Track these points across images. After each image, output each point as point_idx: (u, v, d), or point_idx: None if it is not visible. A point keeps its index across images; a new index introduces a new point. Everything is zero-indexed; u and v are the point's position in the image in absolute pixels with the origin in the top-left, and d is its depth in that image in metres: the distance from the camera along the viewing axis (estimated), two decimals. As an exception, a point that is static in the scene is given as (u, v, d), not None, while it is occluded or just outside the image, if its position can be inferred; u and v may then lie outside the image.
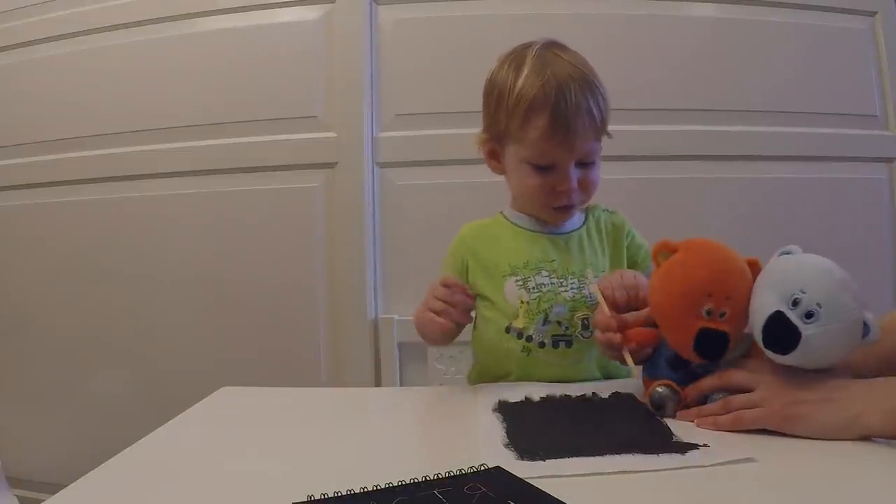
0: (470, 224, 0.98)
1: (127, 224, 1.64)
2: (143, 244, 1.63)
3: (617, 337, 0.75)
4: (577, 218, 0.95)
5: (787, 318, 0.63)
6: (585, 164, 0.89)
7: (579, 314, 0.88)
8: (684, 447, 0.59)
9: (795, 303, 0.63)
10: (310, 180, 1.56)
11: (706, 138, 1.53)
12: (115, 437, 0.72)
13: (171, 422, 0.74)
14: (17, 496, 1.36)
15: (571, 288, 0.89)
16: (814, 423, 0.61)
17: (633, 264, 0.96)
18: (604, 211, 0.98)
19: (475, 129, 0.95)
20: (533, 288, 0.88)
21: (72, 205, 1.67)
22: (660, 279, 0.73)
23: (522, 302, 0.88)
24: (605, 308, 0.79)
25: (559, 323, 0.87)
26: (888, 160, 1.59)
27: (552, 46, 0.90)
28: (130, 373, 1.62)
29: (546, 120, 0.84)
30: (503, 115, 0.88)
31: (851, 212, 1.56)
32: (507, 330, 0.89)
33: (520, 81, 0.86)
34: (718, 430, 0.64)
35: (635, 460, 0.56)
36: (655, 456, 0.57)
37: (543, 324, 0.87)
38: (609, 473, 0.54)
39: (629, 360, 0.75)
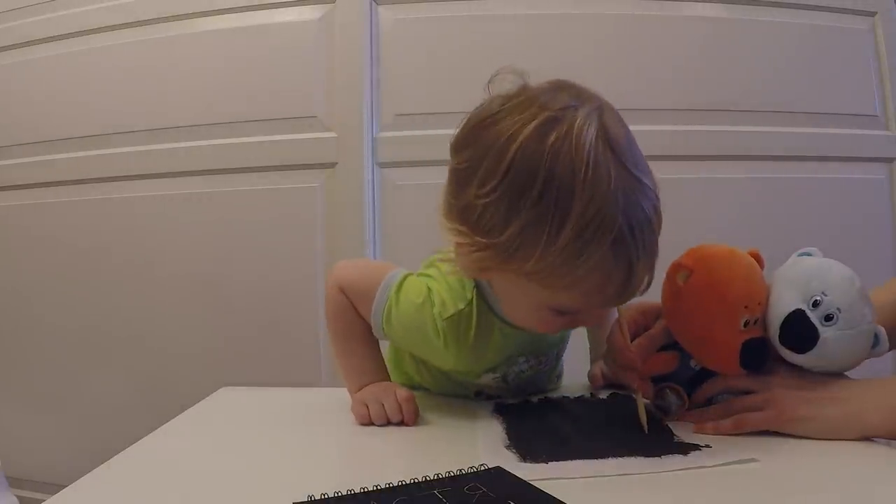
0: (450, 321, 0.71)
1: (127, 224, 1.63)
2: (143, 244, 1.63)
3: (636, 380, 0.68)
4: None
5: (808, 317, 0.63)
6: None
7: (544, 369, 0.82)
8: (686, 448, 0.59)
9: (816, 304, 0.63)
10: (310, 180, 1.56)
11: (706, 138, 1.53)
12: (115, 437, 0.72)
13: (171, 422, 0.74)
14: (17, 496, 1.36)
15: (548, 361, 0.80)
16: (815, 423, 0.61)
17: None
18: None
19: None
20: (511, 377, 0.79)
21: (72, 205, 1.67)
22: (691, 304, 0.67)
23: (495, 385, 0.80)
24: (626, 339, 0.69)
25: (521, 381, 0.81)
26: (888, 160, 1.59)
27: (601, 130, 0.61)
28: (130, 373, 1.62)
29: (608, 275, 0.59)
30: (536, 252, 0.58)
31: (851, 212, 1.55)
32: (473, 395, 0.82)
33: (578, 233, 0.56)
34: (721, 435, 0.63)
35: (638, 462, 0.56)
36: (658, 458, 0.57)
37: (507, 386, 0.81)
38: (611, 475, 0.54)
39: (644, 421, 0.65)
